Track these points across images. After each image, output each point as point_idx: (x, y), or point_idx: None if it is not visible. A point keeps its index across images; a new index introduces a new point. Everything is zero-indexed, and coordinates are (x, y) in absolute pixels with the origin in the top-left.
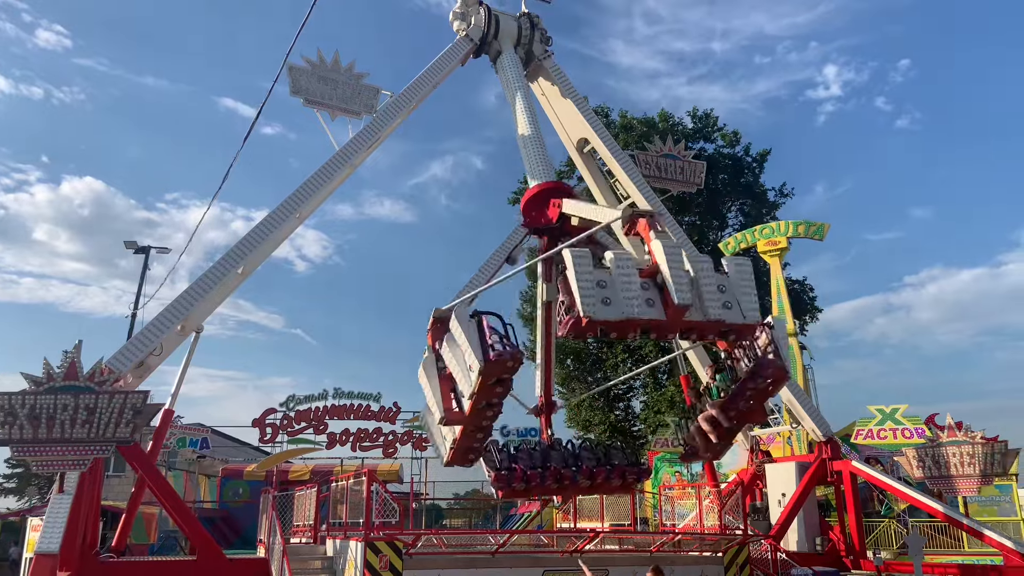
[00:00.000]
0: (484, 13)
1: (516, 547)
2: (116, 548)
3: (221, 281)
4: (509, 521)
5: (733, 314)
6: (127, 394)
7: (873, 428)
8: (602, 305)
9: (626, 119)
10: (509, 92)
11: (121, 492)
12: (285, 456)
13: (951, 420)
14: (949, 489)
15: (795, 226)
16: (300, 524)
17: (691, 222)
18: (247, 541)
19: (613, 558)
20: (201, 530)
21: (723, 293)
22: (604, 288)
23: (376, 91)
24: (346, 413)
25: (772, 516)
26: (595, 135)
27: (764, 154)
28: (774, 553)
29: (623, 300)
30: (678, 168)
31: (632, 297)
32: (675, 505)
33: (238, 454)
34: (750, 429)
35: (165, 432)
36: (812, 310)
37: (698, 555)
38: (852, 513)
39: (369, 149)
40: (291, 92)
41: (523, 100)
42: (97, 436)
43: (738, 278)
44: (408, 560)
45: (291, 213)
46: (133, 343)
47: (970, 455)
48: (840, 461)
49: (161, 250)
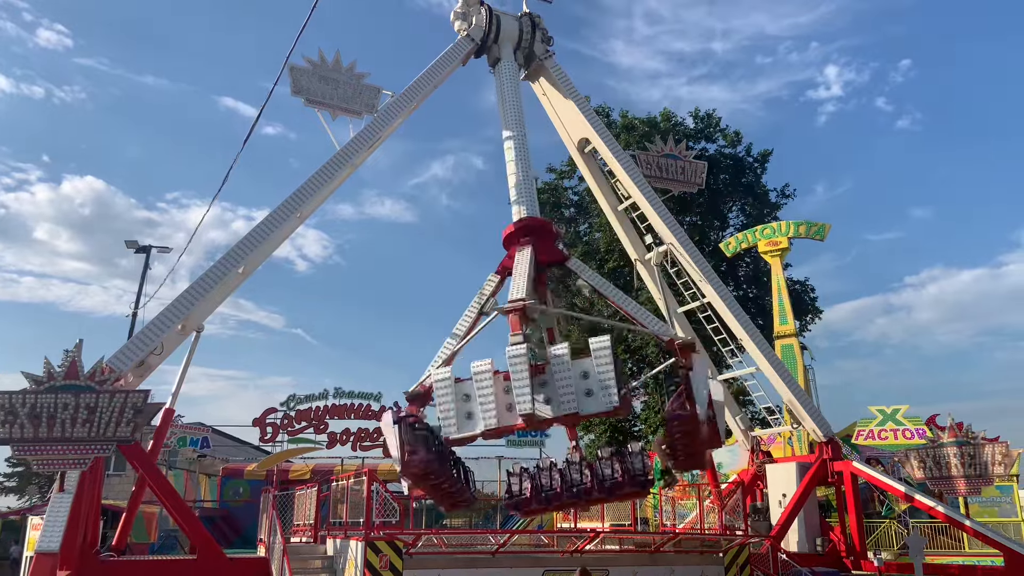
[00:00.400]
0: (485, 13)
1: (516, 547)
2: (116, 547)
3: (222, 280)
4: (510, 521)
5: (593, 402)
6: (128, 393)
7: (874, 429)
8: (465, 420)
9: (628, 119)
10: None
11: (122, 491)
12: (285, 455)
13: (952, 421)
14: (950, 490)
15: (796, 226)
16: (300, 523)
17: (692, 222)
18: (247, 540)
19: (614, 558)
20: (201, 529)
21: (586, 380)
22: (468, 401)
23: (377, 91)
24: (346, 413)
25: (773, 516)
26: (596, 135)
27: (766, 154)
28: (774, 553)
29: (480, 414)
30: (679, 168)
31: (490, 409)
32: (676, 505)
33: (238, 453)
34: (750, 430)
35: (166, 431)
36: (813, 310)
37: (699, 555)
38: (853, 514)
39: (370, 149)
40: (292, 92)
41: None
42: (98, 435)
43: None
44: (408, 560)
45: (292, 213)
46: (134, 342)
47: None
48: (841, 462)
49: (162, 249)
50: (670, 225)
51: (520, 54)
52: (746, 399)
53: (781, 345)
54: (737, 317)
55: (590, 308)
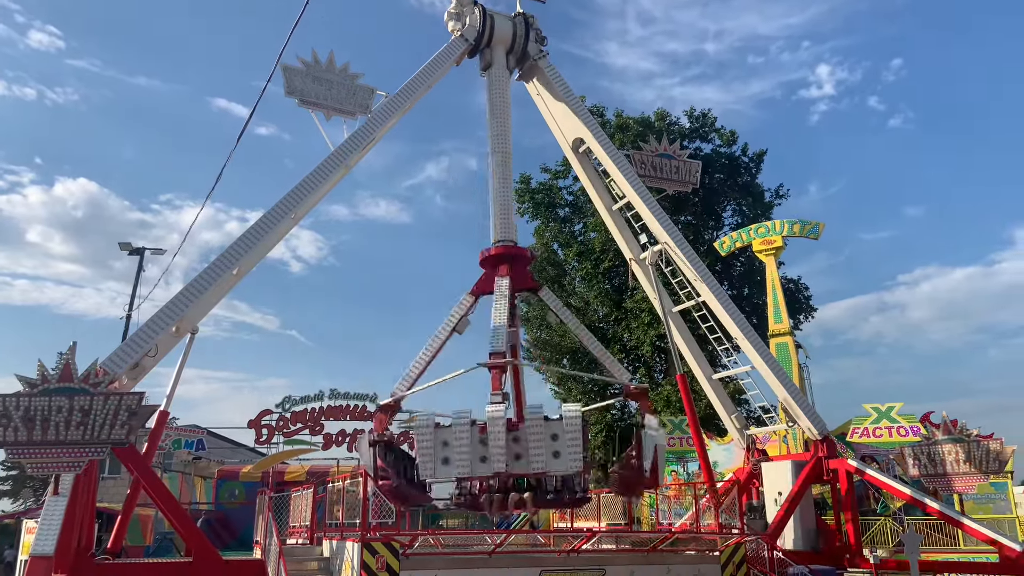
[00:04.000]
0: (479, 13)
1: (513, 547)
2: (112, 550)
3: (216, 282)
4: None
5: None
6: (122, 396)
7: (869, 426)
8: (442, 465)
9: (622, 119)
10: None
11: (117, 494)
12: (281, 457)
13: (946, 418)
14: (945, 487)
15: (790, 225)
16: (296, 525)
17: (687, 221)
18: (243, 543)
19: (609, 557)
20: (197, 532)
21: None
22: (446, 447)
23: (371, 91)
24: (342, 414)
25: (769, 515)
26: (590, 135)
27: (761, 154)
28: (770, 551)
29: (456, 461)
30: (673, 168)
31: (464, 459)
32: (671, 504)
33: (234, 456)
34: (746, 428)
35: (160, 434)
36: (807, 309)
37: (694, 554)
38: (848, 511)
39: (364, 149)
40: (286, 93)
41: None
42: (92, 438)
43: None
44: (405, 561)
45: (286, 214)
46: (128, 345)
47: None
48: (836, 459)
49: (156, 251)
50: (665, 224)
51: (513, 55)
52: (741, 398)
53: (776, 344)
54: (732, 316)
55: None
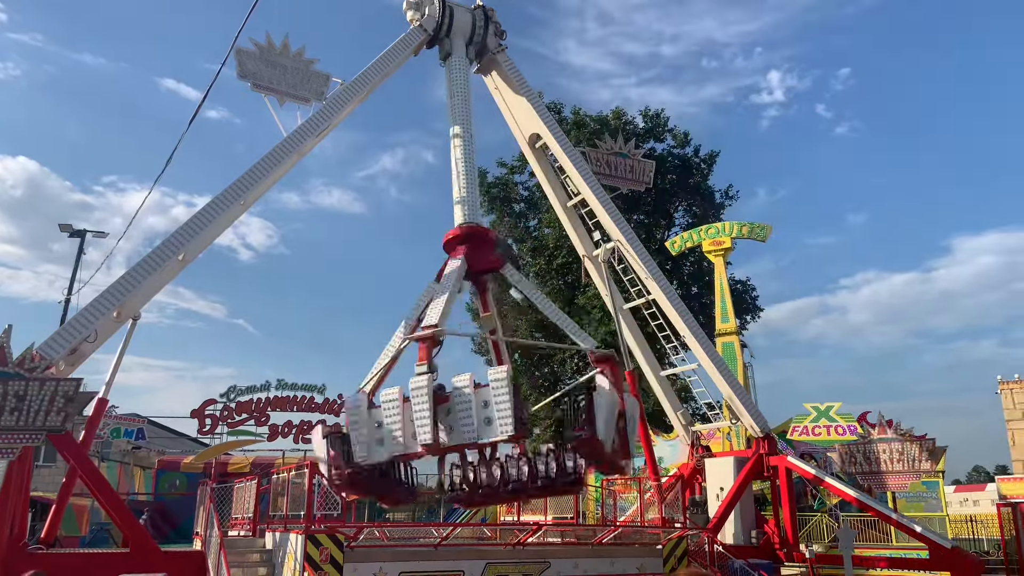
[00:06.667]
0: (438, 3)
1: (459, 540)
2: (45, 540)
3: (160, 267)
4: (453, 514)
5: (491, 429)
6: (59, 381)
7: (808, 425)
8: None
9: (579, 116)
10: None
11: (52, 483)
12: (225, 448)
13: (882, 418)
14: (879, 485)
15: (739, 227)
16: (239, 517)
17: (639, 220)
18: (183, 534)
19: (555, 551)
20: (134, 522)
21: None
22: (379, 428)
23: (326, 78)
24: (289, 405)
25: (710, 510)
26: (547, 131)
27: (713, 155)
28: (711, 546)
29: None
30: (628, 166)
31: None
32: (617, 499)
33: (175, 446)
34: (691, 425)
35: (98, 421)
36: (753, 309)
37: (638, 547)
38: (787, 507)
39: (318, 137)
40: (238, 76)
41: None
42: (27, 424)
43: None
44: (350, 553)
45: (235, 200)
46: (66, 329)
47: (899, 452)
48: (776, 456)
49: (98, 234)
50: (618, 222)
51: (473, 47)
52: (688, 395)
53: (722, 343)
54: (681, 315)
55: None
